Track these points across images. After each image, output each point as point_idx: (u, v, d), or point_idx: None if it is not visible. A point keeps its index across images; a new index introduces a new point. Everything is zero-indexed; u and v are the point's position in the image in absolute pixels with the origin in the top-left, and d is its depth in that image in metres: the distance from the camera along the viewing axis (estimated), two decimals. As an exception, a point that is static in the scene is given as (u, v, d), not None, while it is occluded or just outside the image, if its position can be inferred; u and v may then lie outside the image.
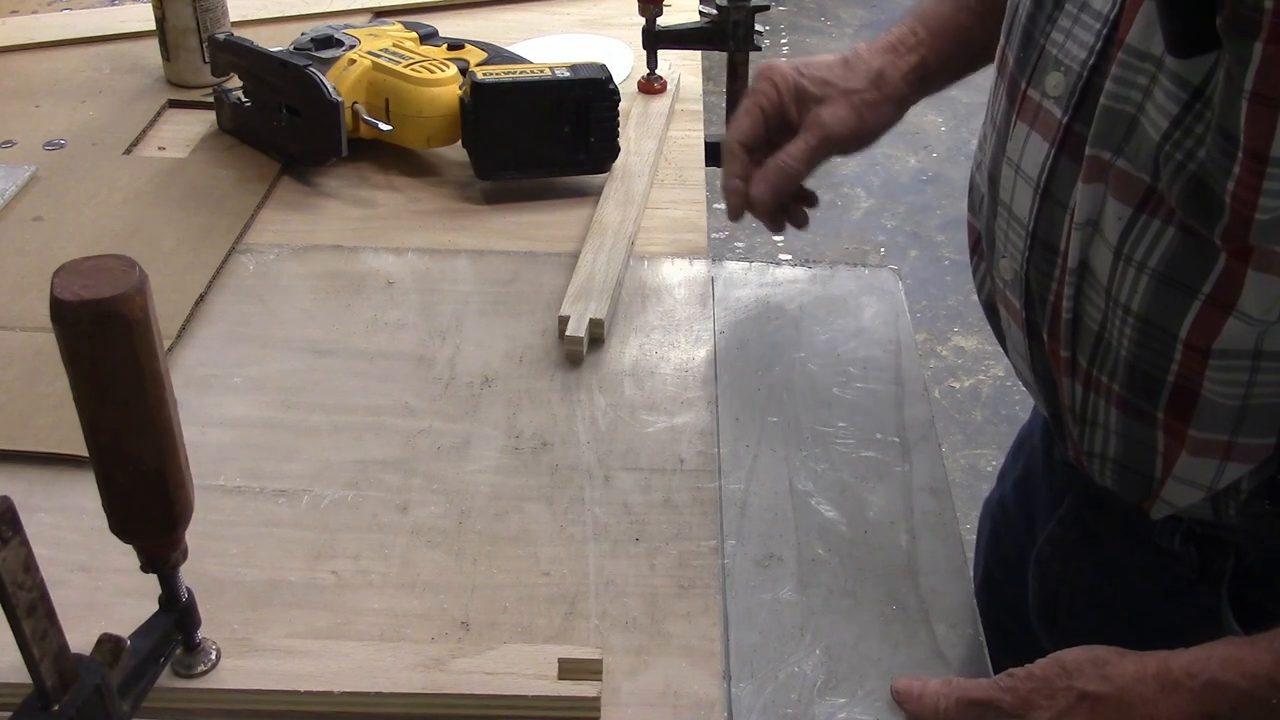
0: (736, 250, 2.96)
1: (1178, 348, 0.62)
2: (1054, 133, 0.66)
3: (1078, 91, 0.65)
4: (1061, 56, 0.66)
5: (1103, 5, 0.63)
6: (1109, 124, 0.62)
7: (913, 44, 0.88)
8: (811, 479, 0.79)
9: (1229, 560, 0.72)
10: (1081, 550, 0.82)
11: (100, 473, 0.53)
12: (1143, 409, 0.66)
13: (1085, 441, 0.71)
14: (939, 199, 3.23)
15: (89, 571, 0.69)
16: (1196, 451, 0.65)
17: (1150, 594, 0.78)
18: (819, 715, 0.64)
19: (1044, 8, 0.68)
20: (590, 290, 0.91)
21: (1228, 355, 0.61)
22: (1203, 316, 0.60)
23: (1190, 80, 0.57)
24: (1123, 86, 0.61)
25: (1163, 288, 0.61)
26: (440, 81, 1.06)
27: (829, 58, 0.89)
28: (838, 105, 0.86)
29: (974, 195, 0.79)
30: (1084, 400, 0.70)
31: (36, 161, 1.09)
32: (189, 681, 0.63)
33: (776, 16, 4.20)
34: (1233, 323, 0.59)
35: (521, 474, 0.78)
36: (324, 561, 0.71)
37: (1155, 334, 0.63)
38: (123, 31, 1.35)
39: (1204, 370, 0.62)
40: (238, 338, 0.89)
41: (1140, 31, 0.60)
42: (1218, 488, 0.66)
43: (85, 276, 0.49)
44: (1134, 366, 0.65)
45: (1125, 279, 0.63)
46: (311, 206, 1.05)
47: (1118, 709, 0.60)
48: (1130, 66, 0.61)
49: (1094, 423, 0.70)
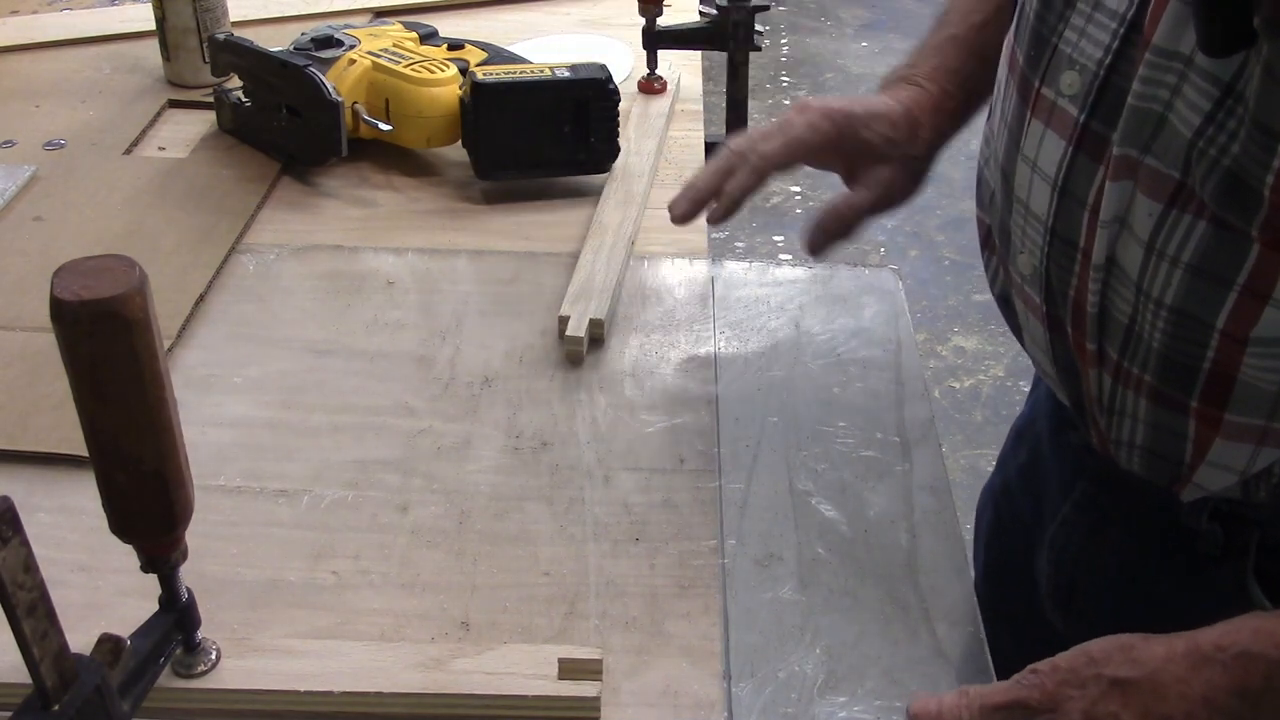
0: (736, 250, 2.96)
1: (1214, 336, 0.63)
2: (1071, 131, 0.67)
3: (1094, 90, 0.65)
4: (1076, 55, 0.66)
5: (1118, 4, 0.64)
6: (1137, 123, 0.63)
7: (950, 110, 0.87)
8: (811, 479, 0.79)
9: (1254, 536, 0.72)
10: (1099, 532, 0.82)
11: (100, 473, 0.53)
12: (1176, 398, 0.66)
13: (1113, 430, 0.72)
14: (939, 199, 3.23)
15: (89, 571, 0.69)
16: (1232, 436, 0.65)
17: (1172, 572, 0.78)
18: (819, 715, 0.64)
19: (1053, 7, 0.68)
20: (590, 290, 0.91)
21: (1265, 342, 0.61)
22: (1239, 306, 0.61)
23: (1222, 78, 0.58)
24: (1150, 86, 0.62)
25: (1197, 280, 0.62)
26: (440, 81, 1.06)
27: (893, 108, 0.85)
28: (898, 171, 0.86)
29: (983, 191, 0.79)
30: (1112, 391, 0.70)
31: (36, 161, 1.09)
32: (189, 681, 0.63)
33: (776, 16, 4.20)
34: (1270, 311, 0.60)
35: (521, 474, 0.78)
36: (324, 561, 0.71)
37: (1190, 325, 0.63)
38: (123, 31, 1.35)
39: (1242, 357, 0.62)
40: (238, 338, 0.89)
41: (1167, 31, 0.60)
42: (1251, 472, 0.66)
43: (85, 276, 0.49)
44: (1167, 357, 0.65)
45: (1158, 274, 0.64)
46: (311, 206, 1.05)
47: (1151, 691, 0.60)
48: (1158, 66, 0.61)
49: (1122, 412, 0.70)
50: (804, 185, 3.26)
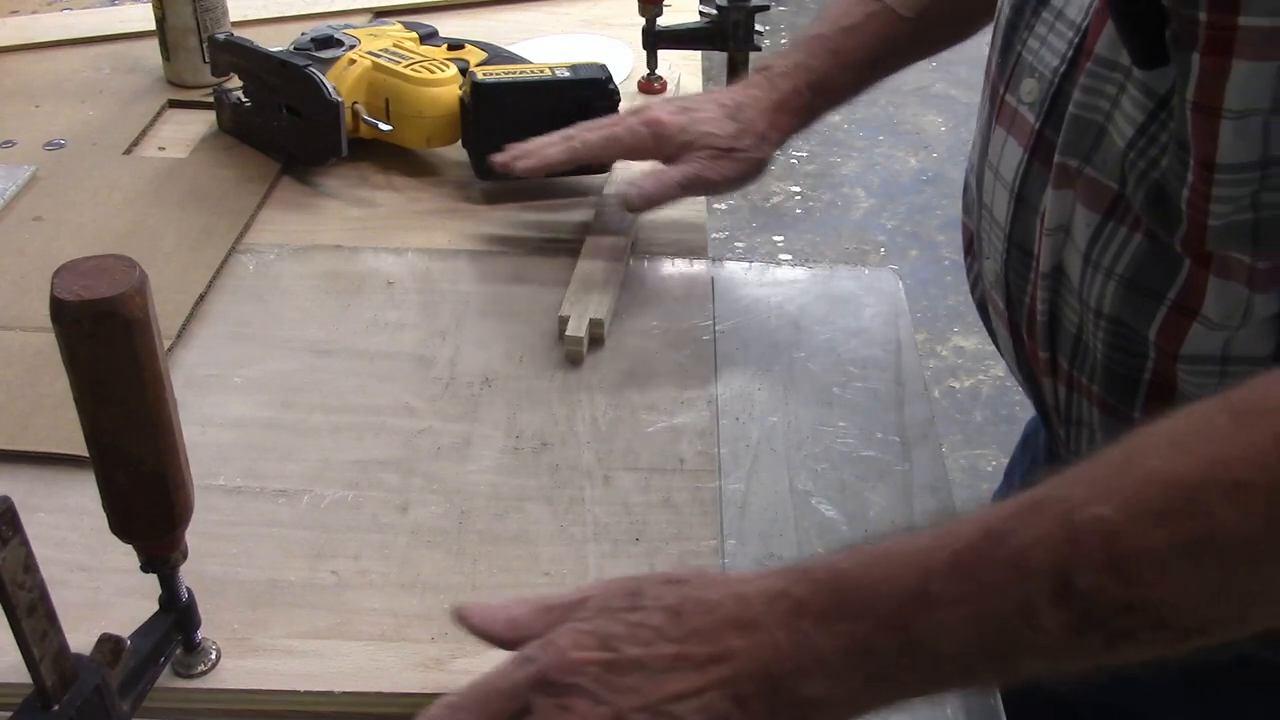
0: (736, 250, 2.96)
1: (1150, 349, 0.63)
2: (1028, 139, 0.67)
3: (1049, 98, 0.66)
4: (1036, 63, 0.67)
5: (1076, 14, 0.64)
6: (1077, 132, 0.63)
7: (796, 106, 0.93)
8: (811, 479, 0.79)
9: None
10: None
11: (100, 473, 0.53)
12: (1121, 409, 0.66)
13: (1071, 440, 0.72)
14: (939, 199, 3.23)
15: (89, 571, 0.69)
16: None
17: None
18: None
19: (1023, 14, 0.69)
20: (590, 290, 0.91)
21: (1196, 360, 0.61)
22: (1169, 322, 0.61)
23: (1156, 90, 0.58)
24: (1091, 95, 0.62)
25: (1131, 293, 0.62)
26: (440, 81, 1.06)
27: (715, 112, 0.92)
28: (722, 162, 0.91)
29: (967, 196, 0.80)
30: (1067, 400, 0.70)
31: (36, 161, 1.09)
32: (189, 681, 0.63)
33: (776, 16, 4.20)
34: (1197, 328, 0.60)
35: (521, 474, 0.78)
36: (324, 561, 0.71)
37: (1129, 336, 0.63)
38: (123, 31, 1.35)
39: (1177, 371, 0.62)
40: (238, 338, 0.89)
41: (1108, 41, 0.61)
42: None
43: (85, 276, 0.49)
44: (1110, 369, 0.65)
45: (1094, 284, 0.64)
46: (311, 206, 1.05)
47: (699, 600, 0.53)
48: (1099, 76, 0.62)
49: (1078, 422, 0.70)
50: (804, 185, 3.27)
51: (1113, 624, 0.47)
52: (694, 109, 0.93)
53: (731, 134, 0.91)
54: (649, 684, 0.51)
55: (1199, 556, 0.46)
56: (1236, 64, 0.52)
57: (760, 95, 0.93)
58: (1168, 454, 0.47)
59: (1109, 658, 0.48)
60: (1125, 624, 0.47)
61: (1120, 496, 0.47)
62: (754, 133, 0.92)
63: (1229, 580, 0.46)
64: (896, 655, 0.50)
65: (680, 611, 0.53)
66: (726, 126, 0.91)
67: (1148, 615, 0.46)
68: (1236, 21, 0.51)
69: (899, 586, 0.50)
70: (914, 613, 0.49)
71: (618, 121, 0.94)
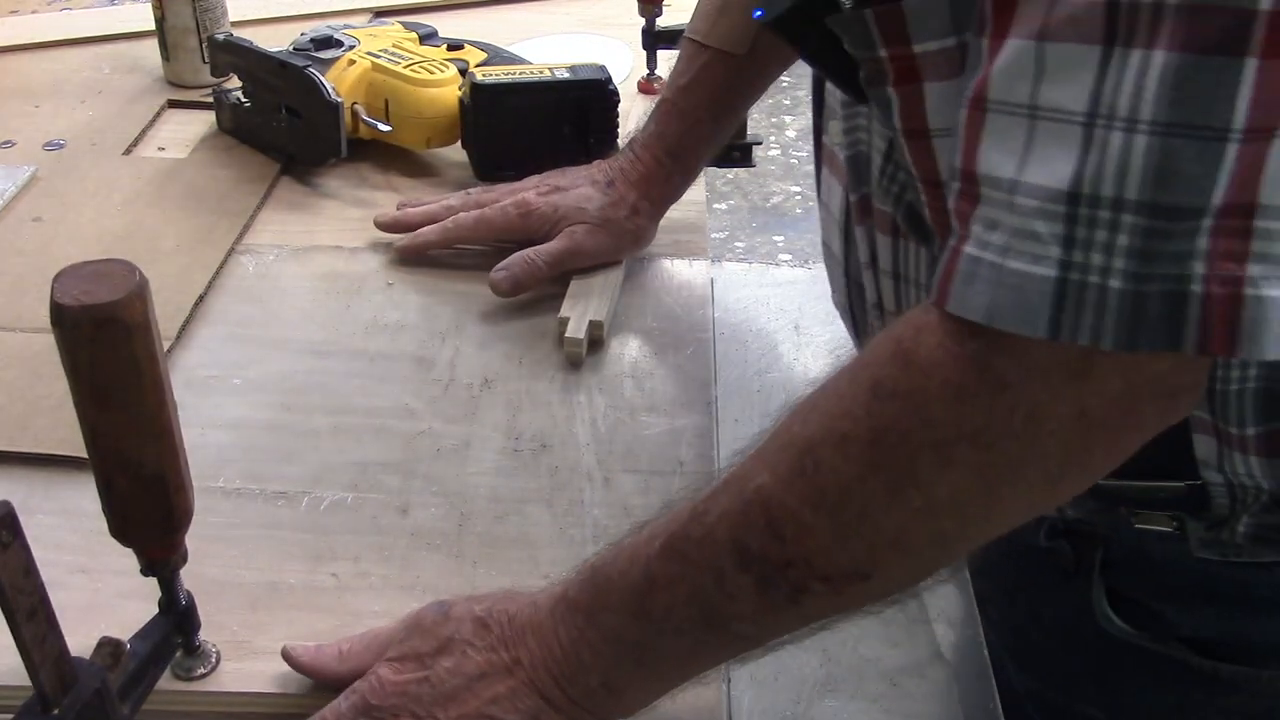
0: (736, 250, 2.95)
1: None
2: (843, 178, 0.71)
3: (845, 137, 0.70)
4: (834, 105, 0.71)
5: None
6: (855, 167, 0.68)
7: (660, 176, 0.95)
8: (811, 480, 0.79)
9: (1098, 553, 0.73)
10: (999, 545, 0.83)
11: (100, 477, 0.53)
12: None
13: None
14: (939, 197, 3.23)
15: (89, 574, 0.69)
16: None
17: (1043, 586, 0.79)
18: (818, 716, 0.64)
19: None
20: (590, 291, 0.91)
21: None
22: None
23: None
24: (852, 132, 0.67)
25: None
26: (440, 82, 1.06)
27: (586, 189, 0.95)
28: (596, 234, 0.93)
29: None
30: None
31: (36, 162, 1.09)
32: (189, 684, 0.63)
33: (776, 15, 4.20)
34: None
35: (521, 476, 0.78)
36: (324, 564, 0.71)
37: None
38: (123, 31, 1.35)
39: None
40: (237, 339, 0.89)
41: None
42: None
43: (85, 281, 0.49)
44: None
45: (909, 298, 0.67)
46: (311, 206, 1.05)
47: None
48: (854, 113, 0.67)
49: None
50: (804, 185, 3.26)
51: (783, 581, 0.52)
52: (565, 188, 0.95)
53: (601, 207, 0.93)
54: (465, 692, 0.57)
55: (821, 508, 0.51)
56: (928, 87, 0.55)
57: (628, 168, 0.95)
58: (805, 417, 0.53)
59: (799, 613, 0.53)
60: (794, 579, 0.52)
61: (773, 464, 0.53)
62: (626, 204, 0.94)
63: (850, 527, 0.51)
64: (651, 638, 0.55)
65: (486, 623, 0.60)
66: (597, 200, 0.94)
67: (808, 569, 0.51)
68: (912, 50, 0.54)
69: (630, 575, 0.56)
70: (646, 596, 0.55)
71: (492, 203, 0.96)
